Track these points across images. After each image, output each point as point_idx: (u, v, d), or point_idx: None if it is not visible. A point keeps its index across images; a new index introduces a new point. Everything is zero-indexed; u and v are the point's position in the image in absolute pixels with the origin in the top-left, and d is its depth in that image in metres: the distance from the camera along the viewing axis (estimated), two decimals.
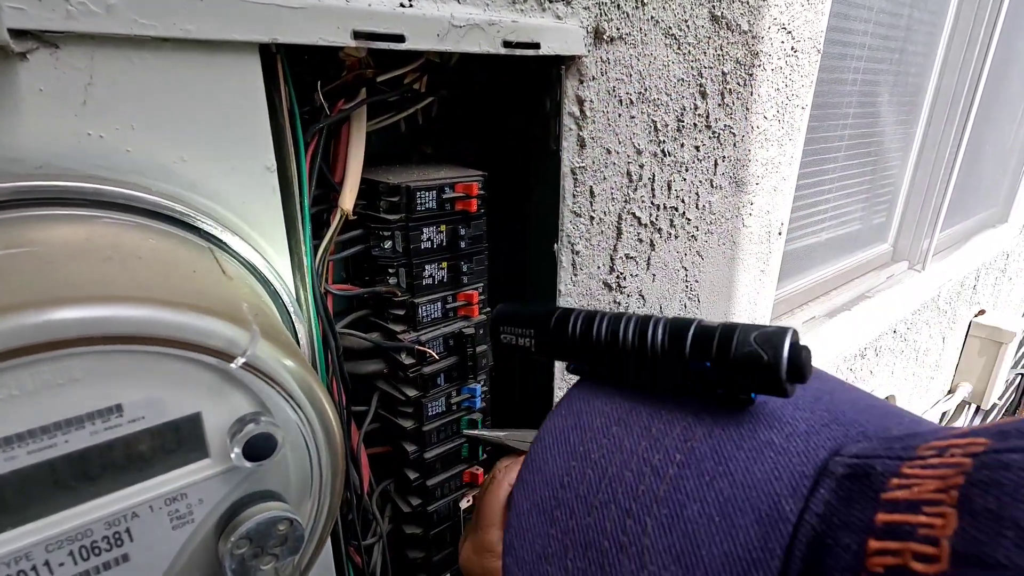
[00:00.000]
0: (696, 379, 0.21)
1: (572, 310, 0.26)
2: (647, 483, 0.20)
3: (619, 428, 0.22)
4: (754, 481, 0.18)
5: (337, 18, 0.32)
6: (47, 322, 0.18)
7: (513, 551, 0.22)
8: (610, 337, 0.23)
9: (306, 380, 0.24)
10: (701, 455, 0.19)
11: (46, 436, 0.19)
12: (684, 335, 0.21)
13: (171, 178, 0.30)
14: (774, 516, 0.17)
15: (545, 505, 0.22)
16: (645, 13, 0.51)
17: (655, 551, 0.18)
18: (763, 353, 0.19)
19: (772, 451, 0.18)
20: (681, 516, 0.18)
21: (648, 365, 0.22)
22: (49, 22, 0.24)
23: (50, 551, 0.20)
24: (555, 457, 0.23)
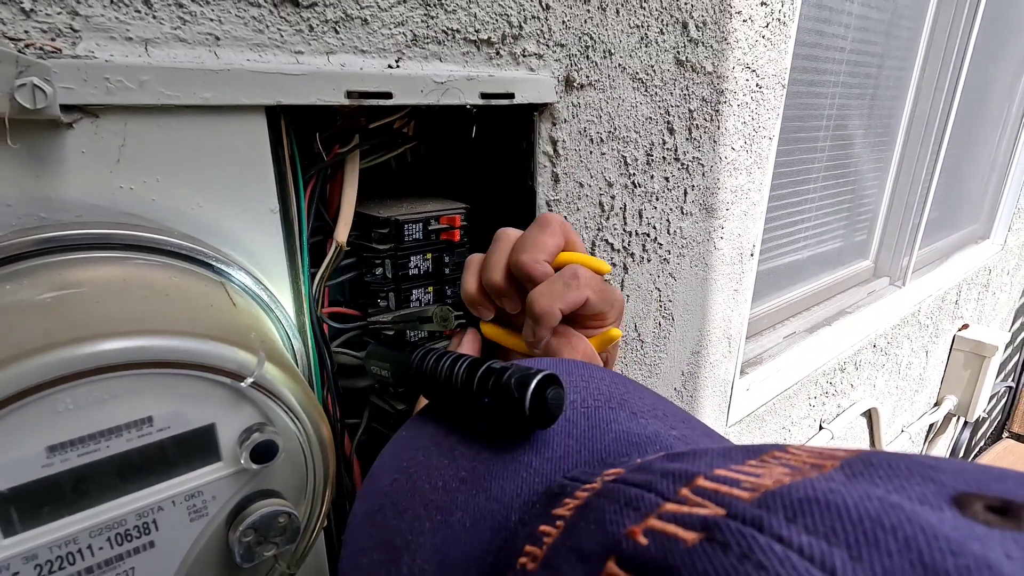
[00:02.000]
0: (485, 410, 0.25)
1: (419, 348, 0.30)
2: (437, 495, 0.23)
3: (436, 448, 0.26)
4: (502, 496, 0.21)
5: (333, 81, 0.37)
6: (96, 352, 0.23)
7: (346, 545, 0.25)
8: (434, 372, 0.28)
9: (303, 396, 0.29)
10: (478, 474, 0.23)
11: (92, 442, 0.24)
12: (475, 372, 0.26)
13: (189, 222, 0.34)
14: (502, 524, 0.20)
15: (370, 508, 0.25)
16: (613, 61, 0.56)
17: (425, 549, 0.21)
18: (514, 391, 0.23)
19: (526, 471, 0.22)
20: (447, 522, 0.22)
21: (457, 397, 0.27)
22: (93, 97, 0.29)
23: (92, 537, 0.25)
24: (387, 470, 0.26)
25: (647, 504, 0.15)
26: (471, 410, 0.26)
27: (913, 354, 1.83)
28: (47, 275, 0.27)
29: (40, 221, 0.30)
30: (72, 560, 0.25)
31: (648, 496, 0.15)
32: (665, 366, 0.80)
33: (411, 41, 0.42)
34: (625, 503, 0.15)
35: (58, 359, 0.22)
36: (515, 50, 0.48)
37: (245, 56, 0.35)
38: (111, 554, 0.26)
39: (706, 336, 0.86)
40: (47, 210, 0.30)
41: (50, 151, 0.30)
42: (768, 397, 1.12)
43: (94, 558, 0.25)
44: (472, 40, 0.45)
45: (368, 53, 0.40)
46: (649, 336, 0.75)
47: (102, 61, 0.29)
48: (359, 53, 0.39)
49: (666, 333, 0.78)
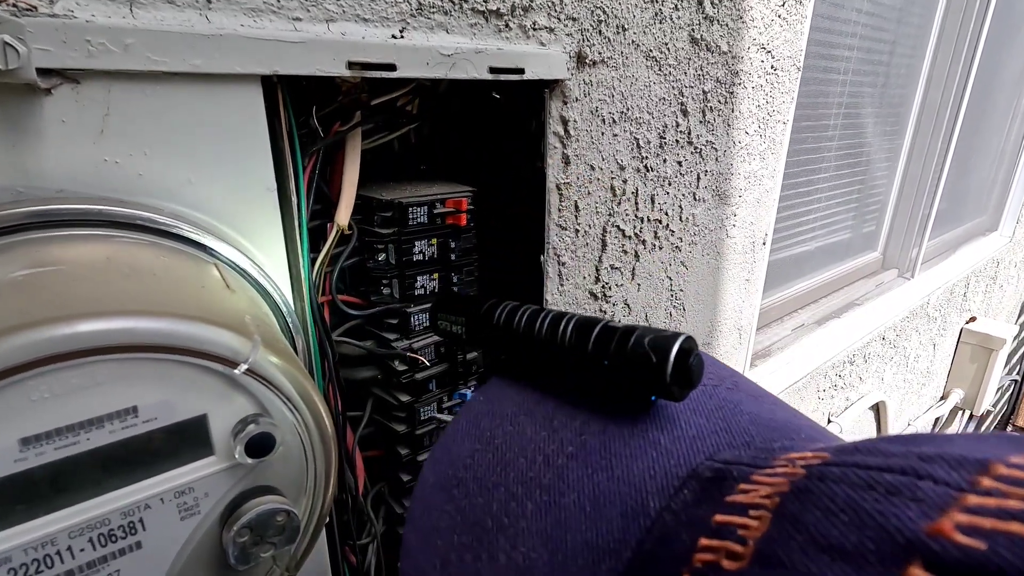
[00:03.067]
0: (596, 375, 0.22)
1: (502, 302, 0.27)
2: (536, 470, 0.20)
3: (525, 417, 0.23)
4: (630, 477, 0.18)
5: (333, 50, 0.35)
6: (75, 334, 0.21)
7: (413, 520, 0.23)
8: (526, 328, 0.25)
9: (302, 384, 0.26)
10: (591, 449, 0.20)
11: (71, 434, 0.22)
12: (589, 332, 0.22)
13: (180, 199, 0.32)
14: (637, 511, 0.17)
15: (447, 483, 0.22)
16: (626, 38, 0.53)
17: (529, 532, 0.19)
18: (652, 355, 0.20)
19: (655, 451, 0.19)
20: (558, 503, 0.19)
21: (557, 358, 0.23)
22: (72, 61, 0.27)
23: (72, 537, 0.23)
24: (464, 439, 0.24)
25: (937, 496, 0.12)
26: (574, 374, 0.23)
27: (921, 347, 1.81)
28: (23, 252, 0.25)
29: (17, 195, 0.28)
30: (50, 563, 0.22)
31: (929, 486, 0.13)
32: None
33: (416, 10, 0.39)
34: (889, 492, 0.13)
35: (31, 341, 0.20)
36: (525, 23, 0.45)
37: (239, 21, 0.32)
38: (94, 556, 0.23)
39: (717, 327, 0.84)
40: (24, 183, 0.28)
41: (27, 119, 0.27)
42: (778, 390, 1.10)
43: (75, 560, 0.23)
44: (480, 11, 0.42)
45: (371, 22, 0.37)
46: (659, 326, 0.73)
47: (82, 21, 0.27)
48: (361, 21, 0.37)
49: (677, 323, 0.75)
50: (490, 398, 0.25)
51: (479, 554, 0.19)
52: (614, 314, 0.65)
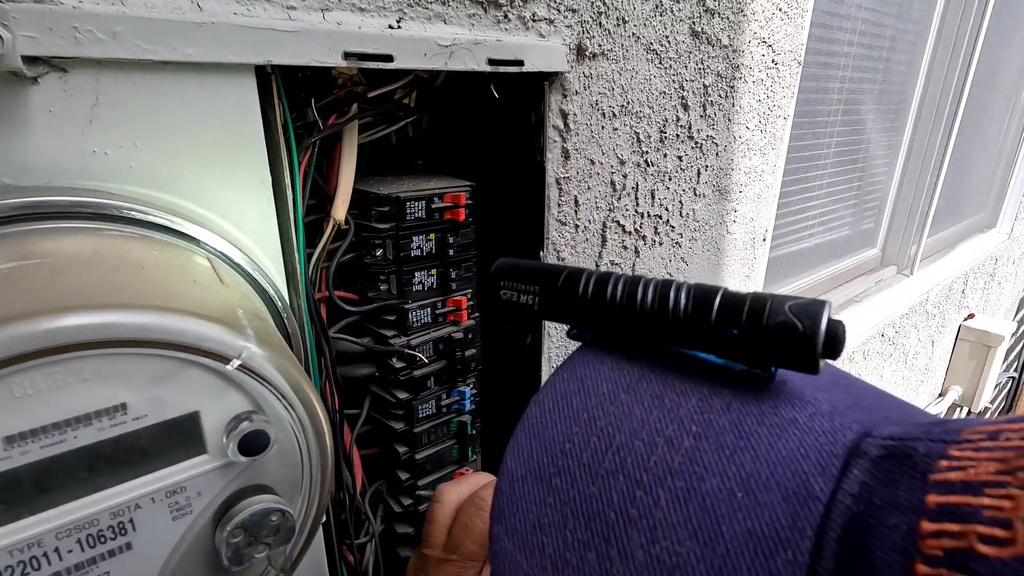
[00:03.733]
0: (720, 347, 0.20)
1: (583, 269, 0.24)
2: (660, 454, 0.18)
3: (628, 396, 0.20)
4: (779, 458, 0.17)
5: (328, 40, 0.34)
6: (60, 328, 0.20)
7: (503, 519, 0.20)
8: (626, 299, 0.22)
9: (297, 381, 0.26)
10: (720, 428, 0.18)
11: (57, 432, 0.21)
12: (711, 300, 0.20)
13: (172, 192, 0.31)
14: (803, 494, 0.16)
15: (543, 472, 0.20)
16: (626, 30, 0.53)
17: (668, 525, 0.17)
18: (799, 323, 0.18)
19: (796, 429, 0.17)
20: (698, 490, 0.17)
21: (666, 330, 0.21)
22: (59, 48, 0.26)
23: (59, 539, 0.22)
24: (556, 422, 0.21)
25: None
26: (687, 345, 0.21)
27: (920, 344, 1.81)
28: (8, 245, 0.24)
29: (2, 187, 0.27)
30: (37, 565, 0.22)
31: None
32: None
33: (413, 0, 0.38)
34: None
35: (14, 335, 0.19)
36: (524, 14, 0.45)
37: (231, 9, 0.31)
38: (82, 557, 0.23)
39: None
40: (10, 175, 0.27)
41: (13, 109, 0.27)
42: None
43: (62, 562, 0.22)
44: (479, 1, 0.42)
45: (367, 11, 0.37)
46: None
47: (70, 8, 0.26)
48: (357, 11, 0.36)
49: None
50: (578, 376, 0.22)
51: (606, 552, 0.17)
52: None
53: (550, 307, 0.24)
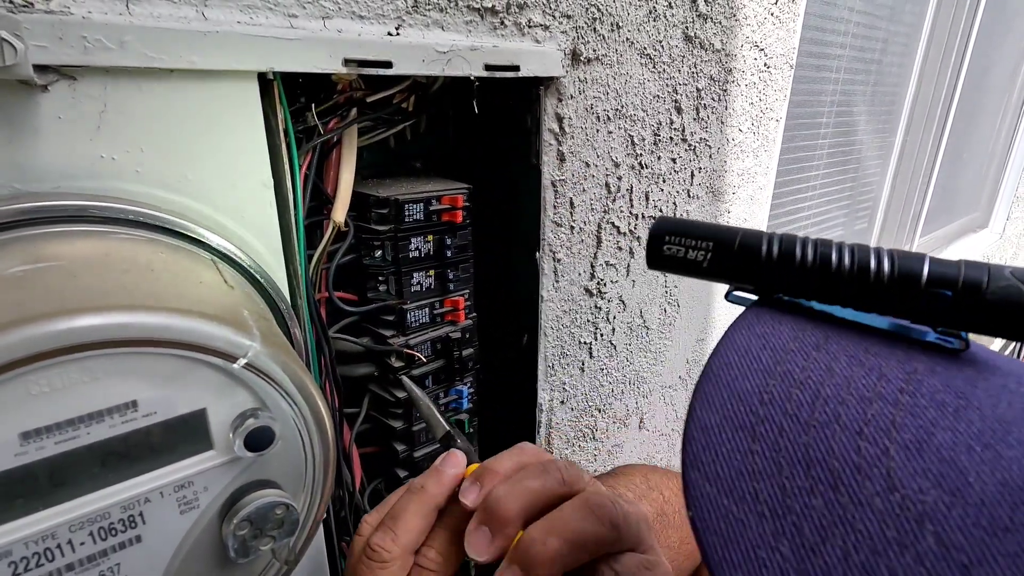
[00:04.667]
0: (926, 310, 0.20)
1: (760, 231, 0.24)
2: (877, 408, 0.18)
3: (820, 354, 0.20)
4: (1008, 417, 0.17)
5: (329, 47, 0.35)
6: (75, 328, 0.21)
7: (701, 466, 0.19)
8: (820, 261, 0.22)
9: (300, 378, 0.27)
10: (932, 388, 0.18)
11: (71, 428, 0.22)
12: (919, 265, 0.20)
13: (177, 195, 0.32)
14: None
15: (742, 421, 0.19)
16: (620, 35, 0.54)
17: (905, 473, 0.16)
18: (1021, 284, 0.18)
19: (1010, 393, 0.17)
20: (930, 443, 0.17)
21: (869, 294, 0.21)
22: (68, 57, 0.27)
23: (73, 531, 0.23)
24: (746, 374, 0.21)
25: None
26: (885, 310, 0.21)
27: None
28: (21, 249, 0.25)
29: (14, 192, 0.28)
30: (51, 556, 0.23)
31: None
32: (671, 353, 0.78)
33: (412, 7, 0.39)
34: None
35: (30, 335, 0.20)
36: (520, 20, 0.46)
37: (235, 18, 0.32)
38: (94, 549, 0.24)
39: (711, 323, 0.84)
40: (21, 180, 0.28)
41: (24, 116, 0.27)
42: None
43: (75, 554, 0.23)
44: (476, 8, 0.42)
45: (366, 19, 0.38)
46: (655, 323, 0.73)
47: (79, 18, 0.27)
48: (357, 19, 0.37)
49: (671, 320, 0.76)
50: (757, 333, 0.22)
51: (835, 499, 0.17)
52: (609, 311, 0.65)
53: (723, 266, 0.24)
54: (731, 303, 0.25)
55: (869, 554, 0.16)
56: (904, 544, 0.15)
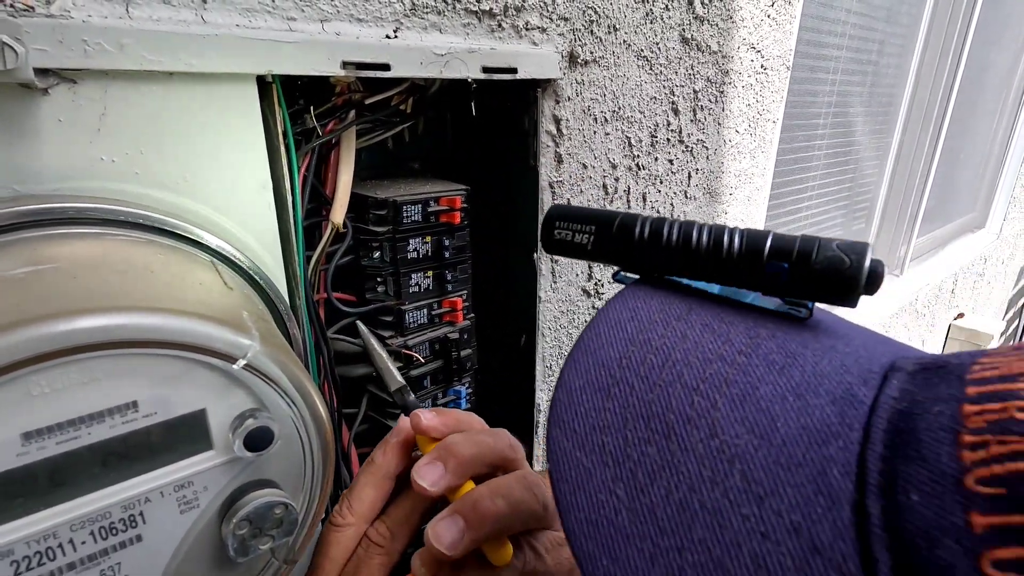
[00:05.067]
0: (769, 281, 0.22)
1: (630, 214, 0.26)
2: (715, 368, 0.20)
3: (680, 323, 0.22)
4: (824, 372, 0.18)
5: (328, 50, 0.35)
6: (76, 330, 0.21)
7: (562, 424, 0.21)
8: (682, 240, 0.24)
9: (299, 379, 0.27)
10: (767, 350, 0.20)
11: (72, 428, 0.22)
12: (763, 240, 0.22)
13: (176, 197, 0.32)
14: (848, 399, 0.17)
15: (600, 383, 0.21)
16: (617, 37, 0.54)
17: (727, 422, 0.18)
18: (846, 258, 0.19)
19: (836, 352, 0.19)
20: (753, 395, 0.19)
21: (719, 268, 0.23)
22: (69, 61, 0.27)
23: (74, 530, 0.23)
24: (611, 343, 0.23)
25: None
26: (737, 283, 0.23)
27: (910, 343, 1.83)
28: (20, 250, 0.25)
29: (14, 193, 0.28)
30: (52, 555, 0.23)
31: None
32: None
33: (409, 10, 0.40)
34: None
35: (31, 337, 0.20)
36: (517, 23, 0.46)
37: (234, 21, 0.32)
38: (95, 549, 0.24)
39: None
40: (21, 182, 0.28)
41: (24, 119, 0.28)
42: None
43: (76, 553, 0.23)
44: (473, 11, 0.43)
45: (365, 22, 0.38)
46: None
47: (79, 22, 0.27)
48: (355, 21, 0.37)
49: None
50: (629, 307, 0.24)
51: (665, 446, 0.19)
52: None
53: (603, 248, 0.26)
54: (617, 283, 0.27)
55: (687, 491, 0.18)
56: (715, 481, 0.18)
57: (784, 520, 0.16)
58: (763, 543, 0.16)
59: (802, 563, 0.15)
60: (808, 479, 0.16)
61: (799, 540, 0.16)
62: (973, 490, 0.14)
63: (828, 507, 0.16)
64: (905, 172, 1.60)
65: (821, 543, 0.15)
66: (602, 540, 0.19)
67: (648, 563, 0.18)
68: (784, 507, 0.16)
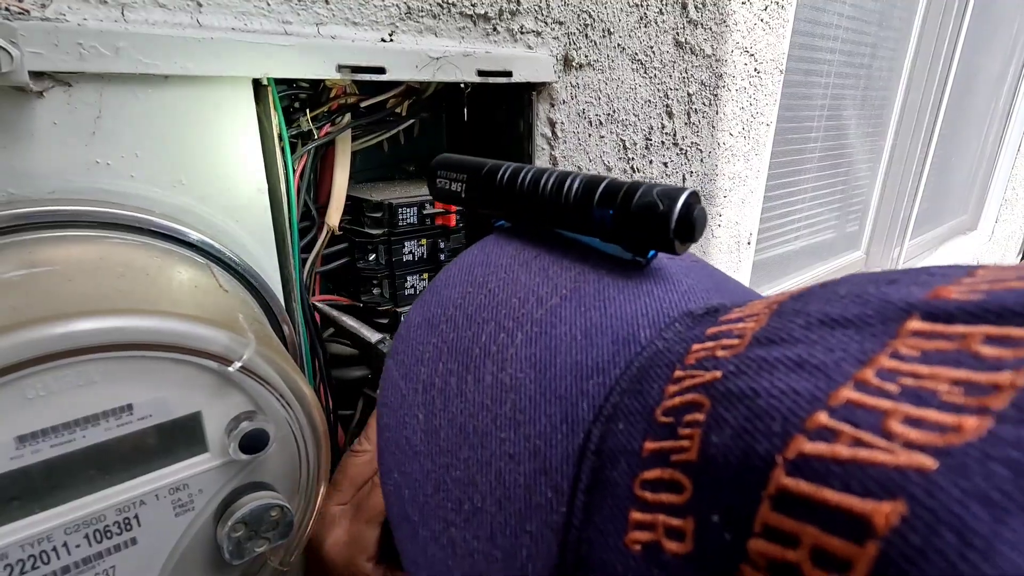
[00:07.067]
0: (599, 229, 0.22)
1: (506, 163, 0.27)
2: (529, 308, 0.21)
3: (520, 268, 0.23)
4: (623, 315, 0.19)
5: (323, 53, 0.35)
6: (72, 332, 0.21)
7: (396, 355, 0.23)
8: (531, 185, 0.25)
9: (295, 381, 0.27)
10: (584, 293, 0.21)
11: (67, 431, 0.22)
12: (596, 186, 0.22)
13: (172, 200, 0.32)
14: (629, 339, 0.18)
15: (435, 320, 0.23)
16: (612, 41, 0.54)
17: (517, 358, 0.19)
18: (659, 203, 0.20)
19: (649, 297, 0.20)
20: (549, 334, 0.20)
21: (561, 214, 0.23)
22: (64, 64, 0.27)
23: (68, 534, 0.23)
24: (456, 284, 0.24)
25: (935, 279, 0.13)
26: (576, 230, 0.23)
27: None
28: (16, 253, 0.25)
29: (9, 197, 0.28)
30: (46, 559, 0.23)
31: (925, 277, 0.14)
32: None
33: (405, 14, 0.40)
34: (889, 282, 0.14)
35: (27, 340, 0.20)
36: (512, 26, 0.46)
37: (230, 24, 0.33)
38: (89, 552, 0.24)
39: None
40: (16, 185, 0.28)
41: (19, 121, 0.28)
42: None
43: (70, 556, 0.23)
44: (468, 15, 0.43)
45: (360, 25, 0.38)
46: None
47: (74, 25, 0.27)
48: (351, 25, 0.38)
49: None
50: (485, 252, 0.25)
51: (464, 377, 0.20)
52: None
53: (474, 195, 0.28)
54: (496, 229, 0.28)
55: (467, 417, 0.19)
56: (490, 409, 0.19)
57: (530, 444, 0.17)
58: (508, 463, 0.18)
59: (531, 480, 0.17)
60: (561, 410, 0.18)
61: (534, 462, 0.17)
62: (658, 420, 0.15)
63: (567, 434, 0.17)
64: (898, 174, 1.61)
65: (550, 464, 0.17)
66: (398, 456, 0.21)
67: (424, 477, 0.20)
68: (534, 432, 0.18)
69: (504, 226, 0.28)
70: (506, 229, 0.27)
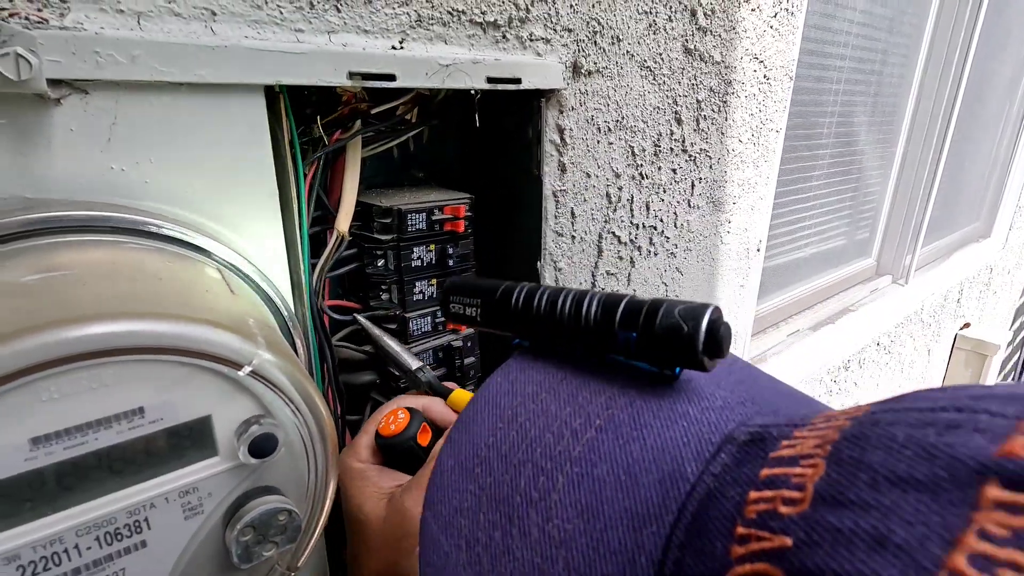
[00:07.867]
0: (623, 350, 0.22)
1: (518, 284, 0.26)
2: (564, 444, 0.20)
3: (548, 395, 0.23)
4: (664, 445, 0.19)
5: (335, 61, 0.36)
6: (86, 336, 0.21)
7: (432, 506, 0.22)
8: (548, 308, 0.24)
9: (304, 386, 0.27)
10: (619, 421, 0.20)
11: (79, 434, 0.22)
12: (615, 307, 0.22)
13: (184, 206, 0.33)
14: (675, 476, 0.18)
15: (468, 464, 0.22)
16: (621, 48, 0.54)
17: (562, 505, 0.19)
18: (684, 324, 0.20)
19: (686, 421, 0.19)
20: (591, 474, 0.19)
21: (581, 336, 0.23)
22: (81, 71, 0.28)
23: (79, 536, 0.23)
24: (485, 419, 0.23)
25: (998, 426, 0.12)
26: (598, 351, 0.23)
27: (916, 352, 1.82)
28: (32, 258, 0.26)
29: (26, 202, 0.28)
30: (58, 561, 0.23)
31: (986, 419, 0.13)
32: None
33: (415, 22, 0.40)
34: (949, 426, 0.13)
35: (41, 343, 0.21)
36: (522, 34, 0.46)
37: (243, 32, 0.33)
38: (100, 554, 0.24)
39: None
40: (33, 190, 0.29)
41: (36, 128, 0.28)
42: None
43: (81, 559, 0.24)
44: (478, 22, 0.43)
45: (371, 33, 0.38)
46: None
47: (92, 33, 0.28)
48: (362, 33, 0.38)
49: None
50: (509, 379, 0.25)
51: (509, 530, 0.19)
52: None
53: (490, 318, 0.27)
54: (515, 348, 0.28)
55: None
56: (543, 570, 0.18)
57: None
58: None
59: None
60: (618, 567, 0.17)
61: None
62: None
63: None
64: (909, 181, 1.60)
65: None
66: None
67: None
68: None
69: (523, 345, 0.27)
70: (526, 349, 0.27)
